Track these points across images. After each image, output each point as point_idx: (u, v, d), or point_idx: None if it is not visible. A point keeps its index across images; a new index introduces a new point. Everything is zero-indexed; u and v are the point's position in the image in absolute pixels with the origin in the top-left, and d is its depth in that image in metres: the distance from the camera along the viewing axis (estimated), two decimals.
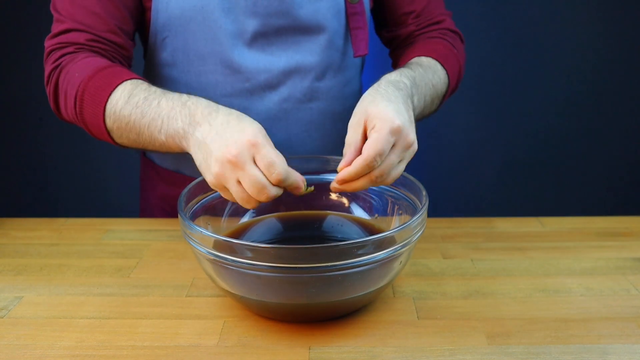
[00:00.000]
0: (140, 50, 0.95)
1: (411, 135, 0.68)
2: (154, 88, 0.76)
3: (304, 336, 0.63)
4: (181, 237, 0.70)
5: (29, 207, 1.83)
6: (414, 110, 0.75)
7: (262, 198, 0.64)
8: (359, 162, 0.65)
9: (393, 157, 0.66)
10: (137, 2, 0.85)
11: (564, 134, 1.81)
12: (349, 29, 0.91)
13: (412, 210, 0.72)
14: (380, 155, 0.65)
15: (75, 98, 0.79)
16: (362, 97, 0.70)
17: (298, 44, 0.89)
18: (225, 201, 0.78)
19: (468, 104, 1.77)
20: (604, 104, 1.79)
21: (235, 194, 0.65)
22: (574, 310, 0.68)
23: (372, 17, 1.02)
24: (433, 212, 0.78)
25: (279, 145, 0.69)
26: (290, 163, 0.66)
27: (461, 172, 1.84)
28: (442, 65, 0.89)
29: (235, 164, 0.63)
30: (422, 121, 0.87)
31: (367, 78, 0.99)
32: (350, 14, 0.90)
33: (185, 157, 0.94)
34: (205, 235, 0.61)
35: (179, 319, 0.66)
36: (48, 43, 0.84)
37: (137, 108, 0.74)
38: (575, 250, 0.83)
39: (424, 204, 0.66)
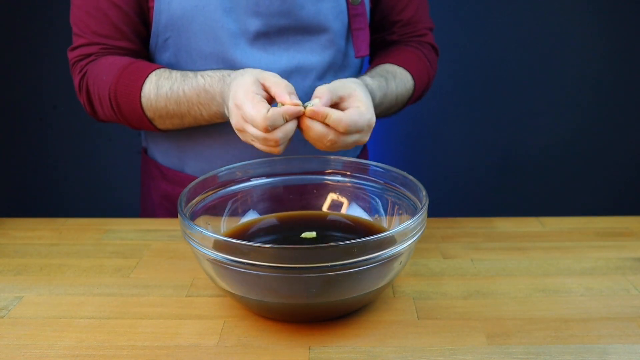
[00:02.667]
0: None
1: (367, 137, 0.75)
2: (174, 74, 0.83)
3: (304, 336, 0.63)
4: (181, 237, 0.70)
5: (29, 207, 1.83)
6: None
7: (271, 144, 0.70)
8: (336, 115, 0.70)
9: (350, 140, 0.73)
10: (145, 3, 0.86)
11: (564, 134, 1.81)
12: (350, 29, 0.92)
13: (412, 210, 0.72)
14: (350, 126, 0.71)
15: (110, 98, 0.85)
16: (350, 79, 0.77)
17: (300, 43, 0.89)
18: (225, 201, 0.78)
19: (468, 104, 1.77)
20: (604, 104, 1.79)
21: (258, 147, 0.73)
22: (574, 310, 0.68)
23: None
24: (433, 212, 0.78)
25: None
26: (290, 163, 0.67)
27: (461, 172, 1.84)
28: (413, 76, 0.95)
29: (239, 130, 0.73)
30: (423, 121, 0.88)
31: None
32: (352, 15, 0.91)
33: (188, 156, 0.95)
34: (205, 235, 0.61)
35: (179, 319, 0.66)
36: (70, 55, 0.90)
37: (169, 99, 0.83)
38: (575, 250, 0.83)
39: (424, 204, 0.66)
